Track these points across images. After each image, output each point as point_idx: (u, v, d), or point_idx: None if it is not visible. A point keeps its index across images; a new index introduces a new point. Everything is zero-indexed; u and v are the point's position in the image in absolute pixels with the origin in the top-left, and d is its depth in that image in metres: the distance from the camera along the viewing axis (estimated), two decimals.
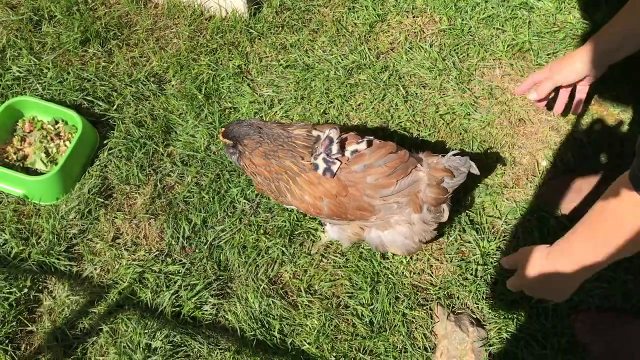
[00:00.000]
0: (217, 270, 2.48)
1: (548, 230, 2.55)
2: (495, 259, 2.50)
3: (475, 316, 2.40)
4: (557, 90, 2.50)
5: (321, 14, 3.16)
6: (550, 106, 2.61)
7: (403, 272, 2.47)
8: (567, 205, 2.56)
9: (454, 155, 2.14)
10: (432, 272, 2.49)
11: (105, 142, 2.72)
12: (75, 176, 2.61)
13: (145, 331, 2.33)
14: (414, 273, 2.48)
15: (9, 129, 2.69)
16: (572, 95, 2.52)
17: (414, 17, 3.12)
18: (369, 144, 2.13)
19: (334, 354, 2.33)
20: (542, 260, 1.92)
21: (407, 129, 2.78)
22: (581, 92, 2.49)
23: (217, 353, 2.31)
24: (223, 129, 2.23)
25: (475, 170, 2.15)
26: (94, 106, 2.81)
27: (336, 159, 2.08)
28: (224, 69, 2.97)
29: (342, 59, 2.99)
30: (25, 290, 2.39)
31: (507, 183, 2.68)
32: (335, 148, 2.08)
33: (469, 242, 2.53)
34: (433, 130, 2.78)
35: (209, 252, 2.51)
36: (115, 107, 2.82)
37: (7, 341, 2.30)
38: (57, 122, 2.72)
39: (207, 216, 2.59)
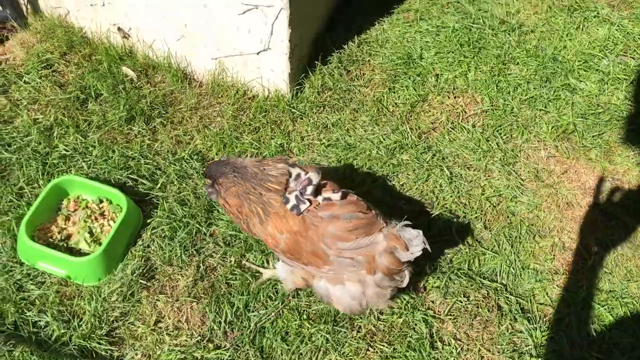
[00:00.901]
0: (259, 358, 2.40)
1: (600, 320, 2.45)
2: (548, 349, 2.40)
3: None
4: None
5: (362, 93, 3.19)
6: None
7: None
8: (621, 290, 2.48)
9: (406, 226, 2.14)
10: None
11: (148, 221, 2.71)
12: (118, 256, 2.59)
13: None
14: None
15: (53, 208, 2.70)
16: None
17: (455, 97, 3.14)
18: (344, 196, 2.17)
19: None
20: None
21: (452, 210, 2.74)
22: None
23: None
24: (205, 169, 2.29)
25: (428, 247, 2.11)
26: (138, 185, 2.82)
27: (307, 199, 2.12)
28: (266, 147, 2.98)
29: (383, 139, 2.99)
30: None
31: (558, 269, 2.61)
32: (310, 189, 2.13)
33: (521, 331, 2.43)
34: (479, 213, 2.73)
35: (252, 337, 2.44)
36: (159, 185, 2.82)
37: None
38: (101, 201, 2.73)
39: (249, 299, 2.53)
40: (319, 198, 2.16)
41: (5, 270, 2.53)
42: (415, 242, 2.11)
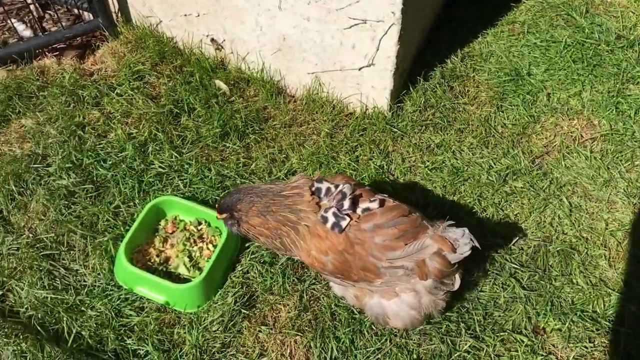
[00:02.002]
0: None
1: None
2: None
3: None
4: None
5: (467, 112, 3.00)
6: None
7: None
8: None
9: (449, 226, 2.04)
10: None
11: (247, 245, 2.59)
12: (217, 282, 2.48)
13: None
14: None
15: (151, 229, 2.60)
16: None
17: (570, 119, 2.92)
18: (382, 203, 2.06)
19: None
20: None
21: (573, 245, 2.53)
22: None
23: None
24: (217, 206, 2.23)
25: (477, 244, 2.01)
26: None
27: (347, 214, 2.02)
28: (365, 169, 2.83)
29: (494, 163, 2.79)
30: None
31: None
32: (347, 203, 2.03)
33: None
34: (603, 250, 2.52)
35: None
36: None
37: None
38: (200, 223, 2.62)
39: (354, 334, 2.38)
40: (358, 210, 2.05)
41: (104, 294, 2.44)
42: (462, 241, 2.01)
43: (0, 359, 2.30)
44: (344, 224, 2.03)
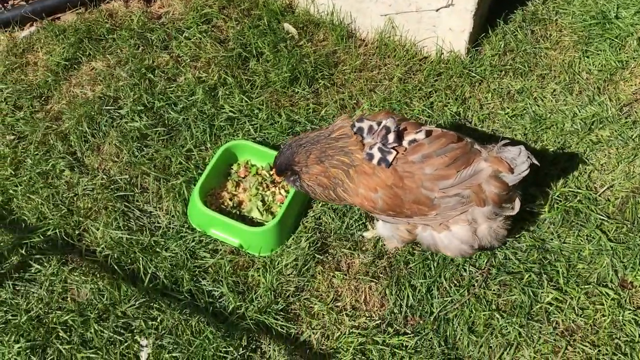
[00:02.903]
0: (445, 348, 2.20)
1: None
2: None
3: None
4: None
5: (549, 57, 2.84)
6: None
7: None
8: None
9: (505, 145, 1.98)
10: None
11: None
12: (290, 227, 2.44)
13: None
14: None
15: (223, 173, 2.58)
16: None
17: None
18: (428, 133, 1.99)
19: None
20: None
21: None
22: None
23: None
24: (274, 170, 2.21)
25: (535, 161, 1.96)
26: None
27: (392, 148, 1.96)
28: (440, 116, 2.72)
29: (579, 110, 2.64)
30: (241, 350, 2.22)
31: None
32: (392, 137, 1.96)
33: None
34: None
35: (436, 325, 2.24)
36: None
37: None
38: (272, 168, 2.58)
39: (431, 283, 2.32)
40: (404, 143, 1.99)
41: (178, 236, 2.44)
42: (519, 160, 1.95)
43: (78, 296, 2.34)
44: (390, 158, 1.97)
